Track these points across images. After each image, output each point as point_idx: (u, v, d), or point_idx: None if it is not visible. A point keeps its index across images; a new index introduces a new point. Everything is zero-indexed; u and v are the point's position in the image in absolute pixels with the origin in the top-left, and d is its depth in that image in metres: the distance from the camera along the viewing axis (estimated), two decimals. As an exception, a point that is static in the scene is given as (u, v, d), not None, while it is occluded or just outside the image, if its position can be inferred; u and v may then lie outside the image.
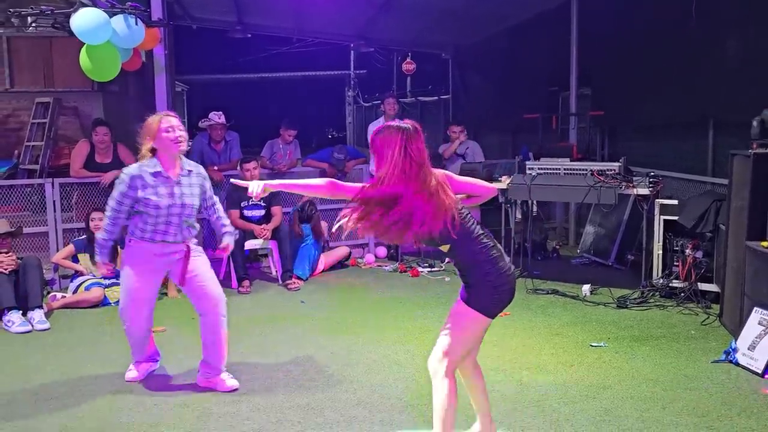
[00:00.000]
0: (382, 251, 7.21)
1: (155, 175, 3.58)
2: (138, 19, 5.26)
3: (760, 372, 3.76)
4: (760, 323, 3.92)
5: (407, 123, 2.67)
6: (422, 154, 2.60)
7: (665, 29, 6.50)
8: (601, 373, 3.85)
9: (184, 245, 3.69)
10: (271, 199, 6.21)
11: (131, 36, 5.25)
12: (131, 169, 3.62)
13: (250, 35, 9.36)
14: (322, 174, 7.04)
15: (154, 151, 3.61)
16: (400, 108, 7.69)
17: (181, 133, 3.61)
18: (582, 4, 7.50)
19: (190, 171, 3.74)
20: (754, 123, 4.39)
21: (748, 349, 3.91)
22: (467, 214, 2.73)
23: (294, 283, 5.96)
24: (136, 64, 5.95)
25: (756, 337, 3.89)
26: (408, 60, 11.50)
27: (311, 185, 2.87)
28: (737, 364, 3.93)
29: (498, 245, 2.76)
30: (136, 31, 5.26)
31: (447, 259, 6.85)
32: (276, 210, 6.18)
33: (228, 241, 3.90)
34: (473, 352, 2.89)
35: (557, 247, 7.30)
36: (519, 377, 3.81)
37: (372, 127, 7.18)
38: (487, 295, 2.70)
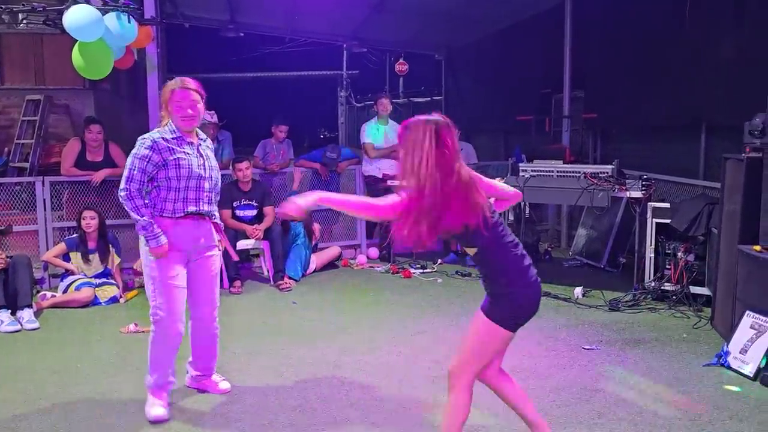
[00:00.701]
0: (374, 252, 7.19)
1: (177, 140, 3.27)
2: (131, 16, 5.22)
3: (751, 375, 3.78)
4: (751, 327, 3.94)
5: (437, 116, 2.59)
6: (456, 146, 2.53)
7: (658, 32, 6.53)
8: (594, 376, 3.85)
9: (212, 224, 3.43)
10: (264, 198, 6.19)
11: (124, 34, 5.21)
12: (151, 133, 3.29)
13: (242, 34, 9.33)
14: (315, 174, 7.02)
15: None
16: (393, 108, 7.67)
17: (192, 111, 3.24)
18: (575, 6, 7.52)
19: (204, 140, 3.47)
20: (747, 127, 4.41)
21: (740, 352, 3.92)
22: (499, 218, 2.63)
23: (286, 283, 5.93)
24: (128, 62, 5.90)
25: (747, 341, 3.90)
26: (401, 61, 11.50)
27: (374, 207, 2.63)
28: (729, 367, 3.94)
29: (527, 255, 2.65)
30: (128, 29, 5.22)
31: (440, 261, 6.85)
32: (268, 210, 6.15)
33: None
34: (496, 363, 2.75)
35: (549, 249, 7.31)
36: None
37: (365, 128, 7.18)
38: (507, 307, 2.57)
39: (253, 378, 3.85)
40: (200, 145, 3.40)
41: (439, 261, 6.88)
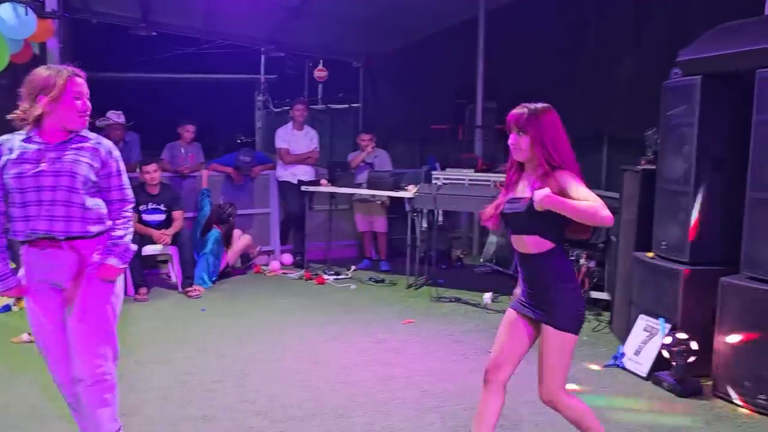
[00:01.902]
0: (287, 258, 7.10)
1: (26, 140, 2.54)
2: (29, 9, 4.94)
3: (644, 375, 3.99)
4: (645, 329, 4.16)
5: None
6: None
7: (566, 49, 6.84)
8: (500, 379, 3.95)
9: (71, 246, 2.54)
10: (173, 202, 5.99)
11: (21, 26, 4.93)
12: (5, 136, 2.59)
13: (155, 33, 9.01)
14: (227, 179, 6.87)
15: (40, 119, 2.52)
16: (309, 114, 7.63)
17: (89, 105, 2.62)
18: (489, 21, 7.75)
19: (85, 138, 2.61)
20: (643, 140, 4.69)
21: (635, 354, 4.13)
22: None
23: (195, 290, 5.76)
24: (26, 56, 5.57)
25: (641, 343, 4.12)
26: (320, 67, 11.44)
27: (591, 209, 2.31)
28: (624, 368, 4.14)
29: None
30: (26, 22, 4.94)
31: (354, 267, 6.84)
32: (177, 215, 5.95)
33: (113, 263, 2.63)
34: (510, 370, 2.65)
35: (461, 256, 7.46)
36: (421, 384, 3.84)
37: (280, 133, 7.09)
38: (573, 310, 2.49)
39: (155, 388, 3.70)
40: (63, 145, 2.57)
41: (353, 267, 6.88)
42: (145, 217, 5.88)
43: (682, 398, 3.70)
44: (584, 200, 2.34)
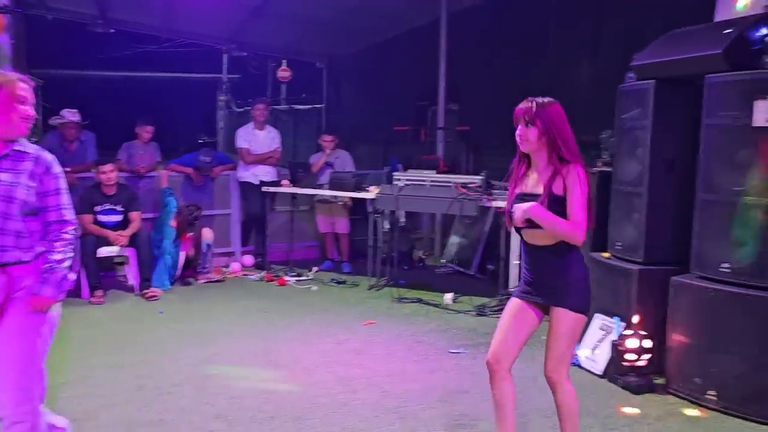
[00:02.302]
0: (248, 260, 7.03)
1: None
2: (-22, 3, 4.80)
3: (600, 373, 4.07)
4: (601, 328, 4.24)
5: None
6: None
7: (527, 52, 6.94)
8: (460, 379, 3.98)
9: (2, 272, 2.37)
10: (130, 203, 5.88)
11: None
12: None
13: (113, 30, 8.82)
14: (187, 179, 6.76)
15: None
16: (270, 115, 7.58)
17: (34, 112, 2.48)
18: (450, 23, 7.81)
19: (24, 155, 2.42)
20: (599, 142, 4.78)
21: (591, 352, 4.21)
22: None
23: (153, 292, 5.66)
24: (-24, 52, 5.42)
25: (597, 341, 4.20)
26: (283, 67, 11.37)
27: (568, 229, 2.52)
28: (580, 366, 4.22)
29: None
30: (-25, 16, 4.79)
31: (316, 269, 6.82)
32: (134, 216, 5.84)
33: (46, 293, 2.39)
34: (516, 354, 2.75)
35: (423, 256, 7.50)
36: (382, 384, 3.84)
37: (240, 132, 7.03)
38: (585, 293, 2.64)
39: (111, 393, 3.62)
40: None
41: (315, 269, 6.85)
42: (101, 218, 5.75)
43: (636, 395, 3.78)
44: (573, 214, 2.52)
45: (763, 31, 3.59)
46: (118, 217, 5.82)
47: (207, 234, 6.40)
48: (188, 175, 6.75)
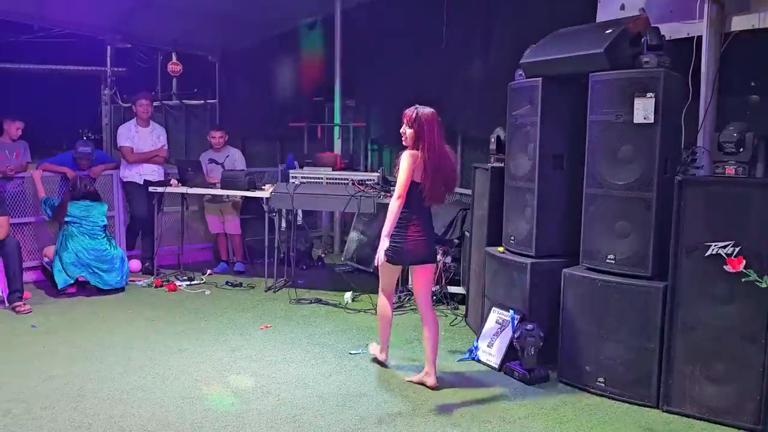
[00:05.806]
0: (135, 264, 6.59)
1: None
2: None
3: (496, 366, 4.11)
4: (497, 322, 4.29)
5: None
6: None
7: (421, 49, 6.95)
8: (359, 381, 3.89)
9: None
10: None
11: None
12: None
13: (-26, 17, 8.03)
14: (64, 180, 6.24)
15: None
16: (154, 110, 7.15)
17: None
18: (345, 19, 7.70)
19: None
20: (492, 139, 4.83)
21: (488, 346, 4.24)
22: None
23: (23, 305, 5.16)
24: None
25: (494, 335, 4.24)
26: (174, 60, 10.84)
27: (394, 212, 3.69)
28: (479, 360, 4.25)
29: (419, 224, 3.75)
30: None
31: (210, 271, 6.54)
32: (2, 221, 5.31)
33: None
34: (419, 298, 3.96)
35: (323, 255, 7.36)
36: (278, 393, 3.68)
37: (122, 130, 6.59)
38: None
39: (-31, 421, 3.24)
40: None
41: (209, 271, 6.55)
42: (-37, 224, 5.19)
43: (531, 386, 3.85)
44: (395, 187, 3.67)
45: (640, 31, 3.74)
46: (-18, 224, 5.26)
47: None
48: (65, 175, 6.23)
